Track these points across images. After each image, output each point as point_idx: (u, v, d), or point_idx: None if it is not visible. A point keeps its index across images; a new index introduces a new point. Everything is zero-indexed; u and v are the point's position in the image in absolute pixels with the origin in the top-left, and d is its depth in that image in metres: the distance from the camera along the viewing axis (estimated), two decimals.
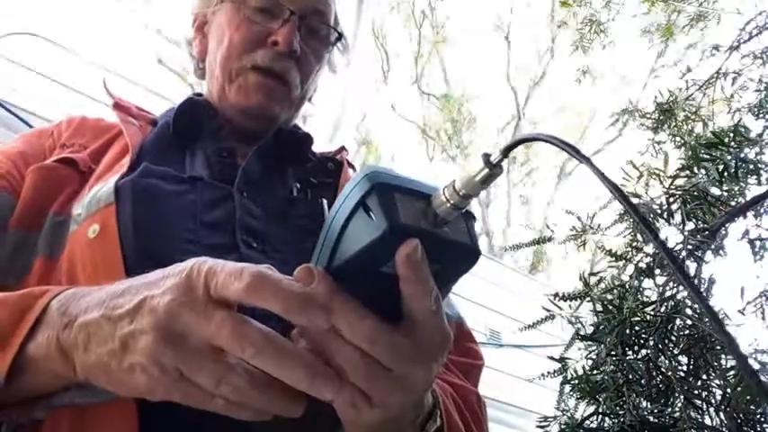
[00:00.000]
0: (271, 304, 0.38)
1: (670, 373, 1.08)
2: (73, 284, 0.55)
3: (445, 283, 0.44)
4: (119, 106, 0.80)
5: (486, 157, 0.38)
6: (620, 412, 1.06)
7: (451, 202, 0.39)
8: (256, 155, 0.77)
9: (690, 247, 1.17)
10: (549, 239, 1.31)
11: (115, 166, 0.70)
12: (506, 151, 0.37)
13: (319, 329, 0.39)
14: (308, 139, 0.85)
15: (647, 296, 1.20)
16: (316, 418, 0.41)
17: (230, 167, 0.74)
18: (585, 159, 0.34)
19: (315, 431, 0.44)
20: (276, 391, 0.40)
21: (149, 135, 0.77)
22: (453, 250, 0.41)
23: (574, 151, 0.35)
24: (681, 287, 1.20)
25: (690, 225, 1.19)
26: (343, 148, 0.90)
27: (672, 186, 1.21)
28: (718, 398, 1.09)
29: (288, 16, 0.77)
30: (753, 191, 1.24)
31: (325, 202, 0.75)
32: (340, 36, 0.85)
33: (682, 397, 1.04)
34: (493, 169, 0.38)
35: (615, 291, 1.18)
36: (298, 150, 0.83)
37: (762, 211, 1.27)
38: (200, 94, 0.86)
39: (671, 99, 1.51)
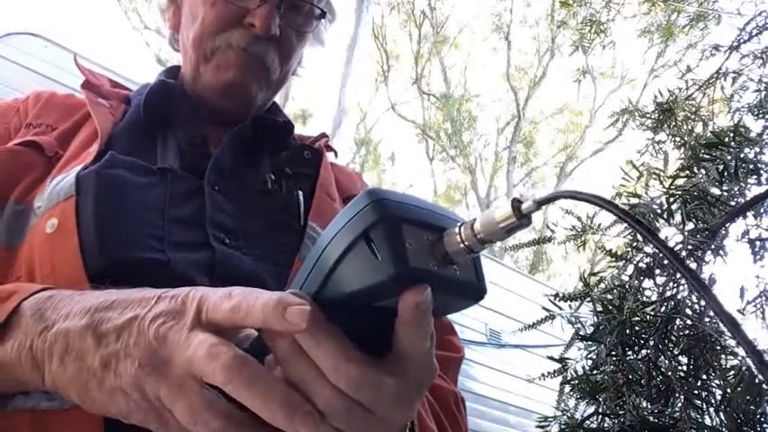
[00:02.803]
0: (252, 317, 0.36)
1: (670, 373, 1.08)
2: (32, 281, 0.52)
3: (441, 315, 0.41)
4: (88, 85, 0.74)
5: (518, 204, 0.33)
6: (620, 412, 1.06)
7: (466, 243, 0.35)
8: (230, 142, 0.72)
9: (690, 247, 1.17)
10: (549, 239, 1.31)
11: (82, 153, 0.64)
12: (540, 204, 0.33)
13: (300, 362, 0.36)
14: (288, 127, 0.79)
15: (647, 296, 1.20)
16: None
17: (202, 157, 0.68)
18: (631, 218, 0.31)
19: None
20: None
21: (121, 120, 0.72)
22: (459, 289, 0.38)
23: (618, 210, 0.32)
24: (681, 287, 1.20)
25: (690, 225, 1.19)
26: (323, 135, 0.84)
27: (672, 186, 1.21)
28: (718, 398, 1.09)
29: None
30: (753, 191, 1.24)
31: (301, 194, 0.70)
32: (324, 13, 0.78)
33: (682, 397, 1.04)
34: (521, 219, 0.34)
35: (615, 291, 1.18)
36: (275, 138, 0.77)
37: (762, 211, 1.27)
38: (178, 68, 0.81)
39: (671, 99, 1.50)
